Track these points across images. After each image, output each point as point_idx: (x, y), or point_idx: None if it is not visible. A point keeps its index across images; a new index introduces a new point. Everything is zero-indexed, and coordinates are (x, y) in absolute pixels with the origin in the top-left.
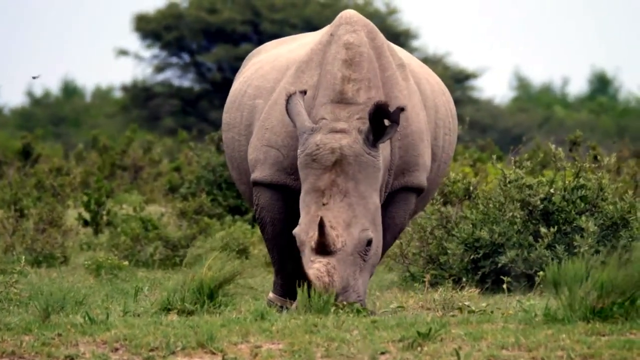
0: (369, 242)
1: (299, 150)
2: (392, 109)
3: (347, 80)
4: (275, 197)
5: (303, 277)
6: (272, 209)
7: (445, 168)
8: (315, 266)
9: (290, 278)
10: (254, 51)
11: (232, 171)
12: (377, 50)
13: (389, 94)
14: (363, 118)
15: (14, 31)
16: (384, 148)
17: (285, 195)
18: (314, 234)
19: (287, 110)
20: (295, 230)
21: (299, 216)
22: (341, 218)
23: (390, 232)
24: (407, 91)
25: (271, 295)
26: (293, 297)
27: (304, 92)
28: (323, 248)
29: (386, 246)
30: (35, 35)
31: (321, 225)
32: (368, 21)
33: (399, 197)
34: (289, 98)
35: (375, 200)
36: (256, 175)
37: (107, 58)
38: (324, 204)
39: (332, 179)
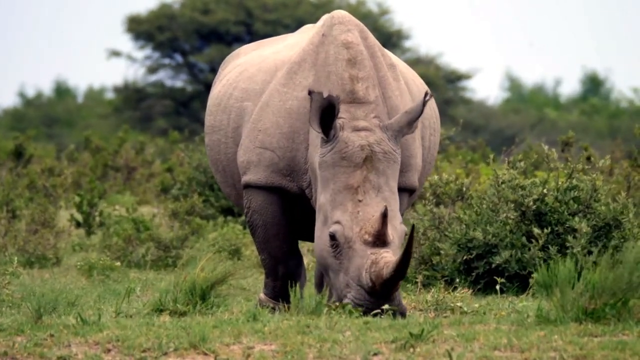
0: (405, 235)
1: (321, 150)
2: (387, 109)
3: (356, 80)
4: (268, 200)
5: (400, 268)
6: (265, 212)
7: (430, 168)
8: (387, 255)
9: (282, 279)
10: (232, 54)
11: (217, 174)
12: (370, 51)
13: (383, 95)
14: (377, 117)
15: (6, 32)
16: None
17: (279, 198)
18: (362, 229)
19: (311, 109)
20: (334, 229)
21: (292, 218)
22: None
23: None
24: (398, 92)
25: (262, 296)
26: (285, 299)
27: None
28: (383, 239)
29: None
30: (27, 36)
31: (384, 216)
32: (359, 22)
33: None
34: (312, 96)
35: (398, 197)
36: (249, 177)
37: (99, 59)
38: (359, 201)
39: (364, 176)
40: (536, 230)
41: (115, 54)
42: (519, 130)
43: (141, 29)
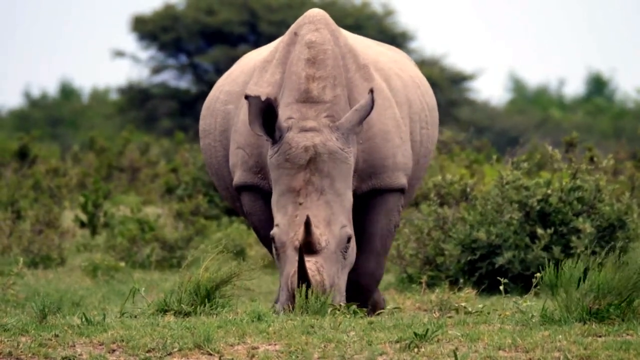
0: (349, 239)
1: (269, 152)
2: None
3: (312, 79)
4: (253, 198)
5: (298, 278)
6: (254, 211)
7: (427, 162)
8: (306, 264)
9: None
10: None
11: (212, 177)
12: (341, 51)
13: (349, 96)
14: (331, 116)
15: (11, 32)
16: (354, 146)
17: (262, 196)
18: (296, 234)
19: (249, 112)
20: (273, 232)
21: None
22: (320, 216)
23: (379, 237)
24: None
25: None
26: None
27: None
28: (309, 247)
29: (383, 252)
30: (32, 37)
31: (307, 224)
32: (332, 21)
33: (375, 201)
34: (249, 100)
35: (350, 197)
36: (234, 180)
37: (104, 59)
38: (300, 204)
39: (307, 178)
40: (540, 231)
41: (120, 54)
42: (523, 130)
43: (146, 29)
